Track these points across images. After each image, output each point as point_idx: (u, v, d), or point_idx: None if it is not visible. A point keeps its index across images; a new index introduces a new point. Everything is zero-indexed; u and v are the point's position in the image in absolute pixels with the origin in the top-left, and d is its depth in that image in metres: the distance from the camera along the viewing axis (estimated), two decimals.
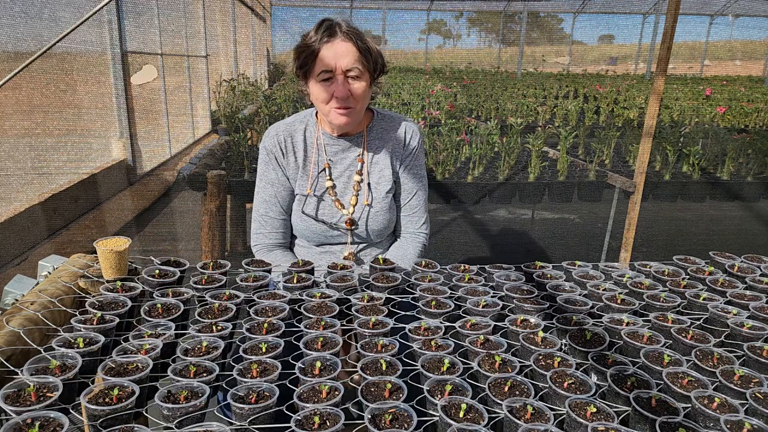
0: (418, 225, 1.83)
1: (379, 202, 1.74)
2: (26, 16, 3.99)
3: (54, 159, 4.56)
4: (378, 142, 1.77)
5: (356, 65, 1.57)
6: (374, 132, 1.77)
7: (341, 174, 1.76)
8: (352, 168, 1.76)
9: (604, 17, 19.55)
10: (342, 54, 1.55)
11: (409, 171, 1.78)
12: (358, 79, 1.59)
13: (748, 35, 21.62)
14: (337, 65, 1.56)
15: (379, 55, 1.65)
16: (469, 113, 7.43)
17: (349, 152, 1.76)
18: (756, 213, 5.66)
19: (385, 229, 1.78)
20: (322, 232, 1.75)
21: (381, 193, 1.75)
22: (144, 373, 1.04)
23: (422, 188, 1.83)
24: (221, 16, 10.28)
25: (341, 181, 1.75)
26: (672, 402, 1.02)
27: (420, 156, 1.81)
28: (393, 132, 1.78)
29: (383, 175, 1.76)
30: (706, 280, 1.56)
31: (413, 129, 1.79)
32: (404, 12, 18.79)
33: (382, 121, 1.79)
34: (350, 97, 1.59)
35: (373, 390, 1.04)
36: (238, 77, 9.90)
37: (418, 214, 1.82)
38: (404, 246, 1.81)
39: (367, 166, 1.75)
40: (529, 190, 3.91)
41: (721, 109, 7.24)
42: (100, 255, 1.41)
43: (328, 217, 1.73)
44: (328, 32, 1.56)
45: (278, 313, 1.31)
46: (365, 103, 1.67)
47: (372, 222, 1.74)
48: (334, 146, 1.75)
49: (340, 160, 1.76)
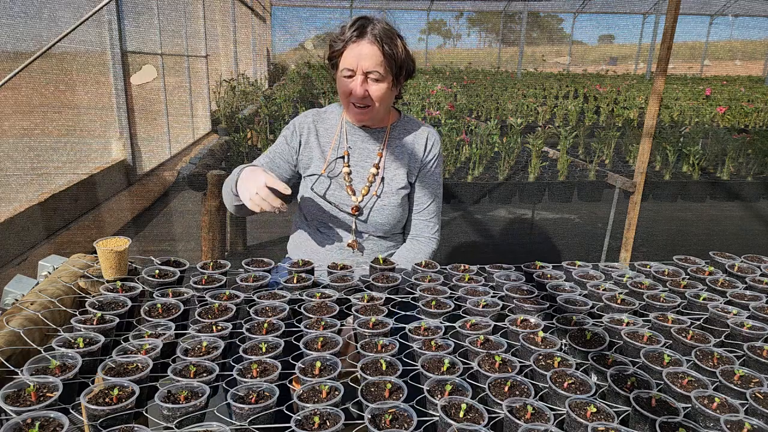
0: (433, 231, 1.85)
1: (389, 196, 1.77)
2: (26, 16, 3.99)
3: (53, 159, 4.55)
4: (398, 142, 1.82)
5: (377, 69, 1.61)
6: (397, 131, 1.83)
7: (357, 163, 1.80)
8: (369, 160, 1.80)
9: (604, 17, 19.56)
10: (366, 56, 1.60)
11: (429, 177, 1.83)
12: (378, 81, 1.64)
13: (748, 35, 21.63)
14: (358, 66, 1.61)
15: (408, 59, 1.69)
16: (469, 113, 7.43)
17: (368, 143, 1.81)
18: (756, 213, 5.66)
19: (390, 225, 1.79)
20: (327, 211, 1.78)
21: (393, 188, 1.78)
22: (144, 373, 1.04)
23: (439, 195, 1.88)
24: (221, 16, 10.28)
25: (356, 170, 1.79)
26: (672, 402, 1.02)
27: (439, 164, 1.86)
28: (415, 137, 1.83)
29: (398, 173, 1.79)
30: (706, 280, 1.56)
31: (435, 138, 1.85)
32: (404, 12, 18.79)
33: (406, 123, 1.85)
34: (367, 97, 1.65)
35: (373, 390, 1.04)
36: (238, 77, 9.90)
37: (434, 219, 1.85)
38: (415, 248, 1.82)
39: (384, 161, 1.79)
40: (529, 190, 3.91)
41: (721, 109, 7.24)
42: (100, 255, 1.41)
43: (336, 199, 1.77)
44: (358, 32, 1.61)
45: (278, 313, 1.31)
46: (385, 103, 1.71)
47: (378, 214, 1.76)
48: (354, 135, 1.81)
49: (358, 149, 1.80)
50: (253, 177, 1.55)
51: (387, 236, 1.83)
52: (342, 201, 1.77)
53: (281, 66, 17.01)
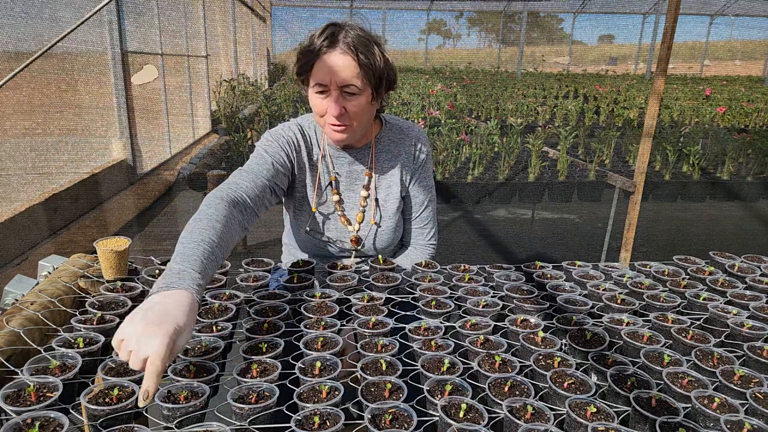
0: (429, 237, 1.76)
1: (386, 221, 1.66)
2: (27, 16, 3.99)
3: (54, 159, 4.55)
4: (386, 155, 1.67)
5: (354, 82, 1.40)
6: (382, 144, 1.66)
7: (346, 188, 1.65)
8: (358, 182, 1.65)
9: (604, 17, 19.57)
10: (339, 68, 1.39)
11: (419, 183, 1.69)
12: (355, 96, 1.42)
13: (748, 35, 21.63)
14: (332, 80, 1.40)
15: (388, 68, 1.47)
16: (469, 113, 7.43)
17: (355, 165, 1.65)
18: (756, 213, 5.66)
19: (390, 245, 1.73)
20: (324, 247, 1.68)
21: (389, 211, 1.66)
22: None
23: (432, 198, 1.75)
24: (221, 16, 10.28)
25: (347, 196, 1.65)
26: (672, 402, 1.02)
27: (429, 166, 1.72)
28: (401, 144, 1.67)
29: (391, 192, 1.66)
30: (706, 280, 1.56)
31: (422, 140, 1.70)
32: (404, 12, 18.81)
33: (390, 132, 1.68)
34: (345, 115, 1.44)
35: (373, 390, 1.04)
36: (238, 77, 9.91)
37: (429, 225, 1.75)
38: (412, 256, 1.74)
39: (374, 181, 1.64)
40: (529, 190, 3.91)
41: (721, 109, 7.24)
42: (100, 255, 1.41)
43: (333, 234, 1.64)
44: (328, 40, 1.40)
45: (278, 313, 1.31)
46: (365, 119, 1.51)
47: (378, 240, 1.67)
48: (339, 158, 1.64)
49: (346, 173, 1.65)
50: (169, 314, 0.98)
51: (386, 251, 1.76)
52: (339, 235, 1.64)
53: (281, 66, 17.01)
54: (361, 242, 1.65)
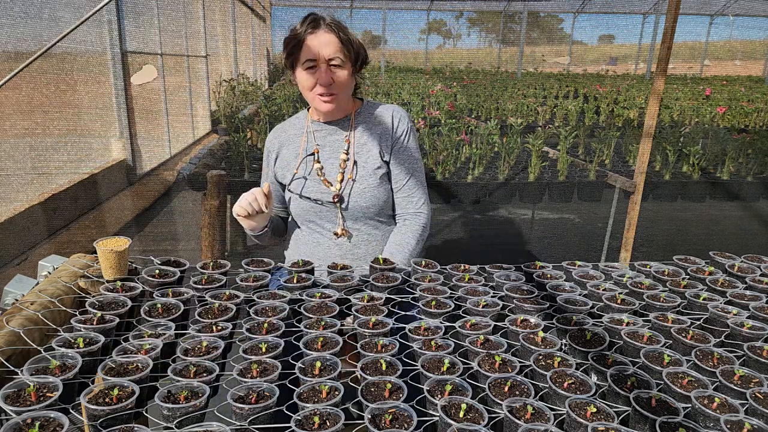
0: (418, 205, 1.84)
1: (366, 178, 1.78)
2: (26, 16, 3.99)
3: (54, 159, 4.56)
4: (365, 125, 1.84)
5: (338, 55, 1.67)
6: (362, 117, 1.85)
7: (329, 156, 1.83)
8: (339, 149, 1.82)
9: (604, 17, 19.56)
10: (325, 44, 1.65)
11: (403, 153, 1.83)
12: (340, 67, 1.69)
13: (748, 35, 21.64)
14: (320, 54, 1.66)
15: (361, 47, 1.75)
16: (469, 113, 7.43)
17: (336, 135, 1.84)
18: (756, 213, 5.66)
19: (376, 207, 1.80)
20: (310, 209, 1.81)
21: (368, 170, 1.79)
22: (144, 373, 1.04)
23: (418, 169, 1.87)
24: (221, 16, 10.28)
25: (329, 163, 1.82)
26: (672, 402, 1.02)
27: (411, 138, 1.86)
28: (380, 117, 1.85)
29: (371, 155, 1.80)
30: (706, 280, 1.56)
31: (401, 113, 1.86)
32: (404, 12, 18.78)
33: (370, 107, 1.88)
34: (333, 84, 1.69)
35: (373, 390, 1.04)
36: (238, 77, 9.91)
37: (417, 194, 1.84)
38: (402, 230, 1.83)
39: (353, 147, 1.82)
40: (529, 190, 3.91)
41: (721, 109, 7.24)
42: (100, 255, 1.41)
43: (315, 194, 1.80)
44: (312, 24, 1.67)
45: (278, 313, 1.31)
46: (348, 91, 1.77)
47: (359, 197, 1.77)
48: (321, 131, 1.85)
49: (327, 143, 1.84)
50: None
51: (375, 219, 1.82)
52: (321, 195, 1.80)
53: (281, 66, 16.99)
54: (342, 198, 1.78)
